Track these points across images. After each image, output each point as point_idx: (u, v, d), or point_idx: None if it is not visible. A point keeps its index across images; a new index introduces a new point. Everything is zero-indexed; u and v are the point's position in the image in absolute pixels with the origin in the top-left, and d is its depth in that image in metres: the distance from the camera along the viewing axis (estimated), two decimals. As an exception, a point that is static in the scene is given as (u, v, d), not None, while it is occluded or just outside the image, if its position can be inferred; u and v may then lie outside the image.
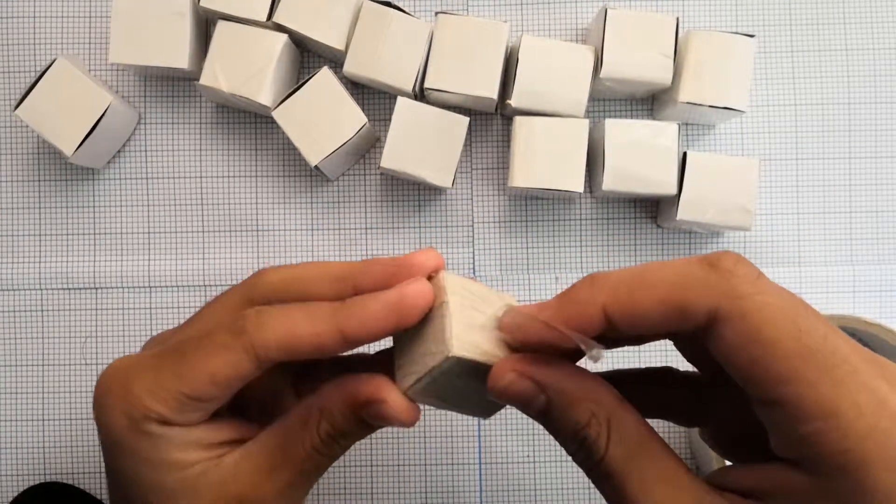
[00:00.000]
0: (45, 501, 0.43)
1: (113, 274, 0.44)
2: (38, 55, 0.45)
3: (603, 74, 0.40)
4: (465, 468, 0.44)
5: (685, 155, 0.41)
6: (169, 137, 0.45)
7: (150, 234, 0.45)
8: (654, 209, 0.45)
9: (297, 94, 0.41)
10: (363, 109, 0.41)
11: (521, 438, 0.44)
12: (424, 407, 0.29)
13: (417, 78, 0.41)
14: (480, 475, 0.44)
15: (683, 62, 0.40)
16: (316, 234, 0.45)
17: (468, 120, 0.41)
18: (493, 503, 0.43)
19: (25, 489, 0.43)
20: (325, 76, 0.41)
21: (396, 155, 0.41)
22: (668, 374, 0.29)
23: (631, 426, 0.24)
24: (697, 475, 0.24)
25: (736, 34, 0.41)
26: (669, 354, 0.29)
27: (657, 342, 0.26)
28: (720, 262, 0.23)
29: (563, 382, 0.24)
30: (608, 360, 0.43)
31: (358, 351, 0.27)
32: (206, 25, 0.44)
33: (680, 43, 0.41)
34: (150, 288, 0.44)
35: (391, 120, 0.41)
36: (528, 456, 0.44)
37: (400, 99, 0.41)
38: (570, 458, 0.25)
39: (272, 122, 0.44)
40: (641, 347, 0.42)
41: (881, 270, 0.44)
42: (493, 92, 0.41)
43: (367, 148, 0.45)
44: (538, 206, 0.45)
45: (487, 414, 0.29)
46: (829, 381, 0.21)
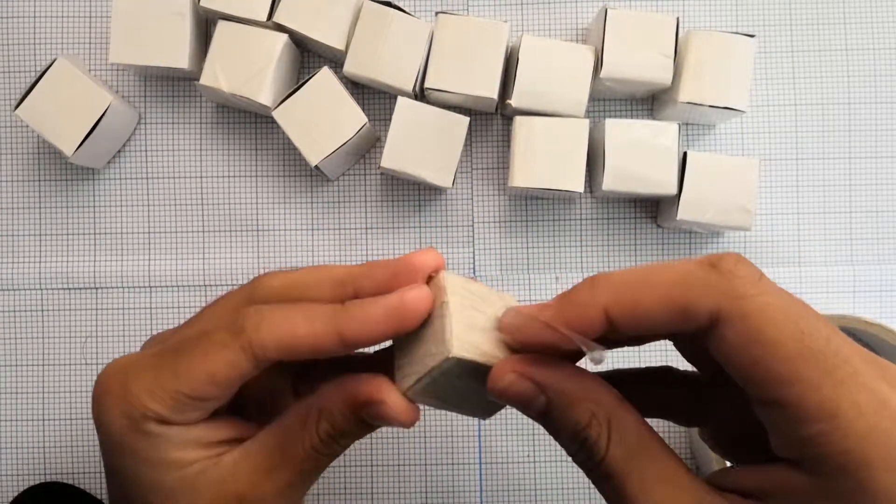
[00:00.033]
0: (45, 501, 0.43)
1: (113, 274, 0.44)
2: (38, 55, 0.45)
3: (603, 74, 0.40)
4: (465, 468, 0.44)
5: (685, 155, 0.41)
6: (169, 137, 0.45)
7: (150, 234, 0.45)
8: (654, 209, 0.45)
9: (297, 94, 0.41)
10: (363, 109, 0.41)
11: (521, 438, 0.44)
12: (424, 407, 0.29)
13: (418, 78, 0.41)
14: (481, 475, 0.44)
15: (683, 62, 0.40)
16: (316, 234, 0.45)
17: (468, 120, 0.41)
18: (493, 503, 0.43)
19: (25, 489, 0.43)
20: (325, 76, 0.41)
21: (396, 155, 0.41)
22: (667, 373, 0.29)
23: (631, 427, 0.24)
24: (697, 475, 0.24)
25: (736, 34, 0.41)
26: (669, 354, 0.29)
27: (657, 342, 0.26)
28: (722, 263, 0.23)
29: (563, 383, 0.24)
30: (608, 359, 0.43)
31: (358, 350, 0.27)
32: (206, 25, 0.44)
33: (680, 43, 0.41)
34: (150, 288, 0.44)
35: (391, 120, 0.41)
36: (528, 456, 0.44)
37: (400, 99, 0.41)
38: (570, 458, 0.25)
39: (272, 122, 0.44)
40: (641, 347, 0.42)
41: (881, 270, 0.44)
42: (493, 92, 0.41)
43: (367, 148, 0.45)
44: (538, 206, 0.45)
45: (487, 414, 0.29)
46: (830, 382, 0.21)
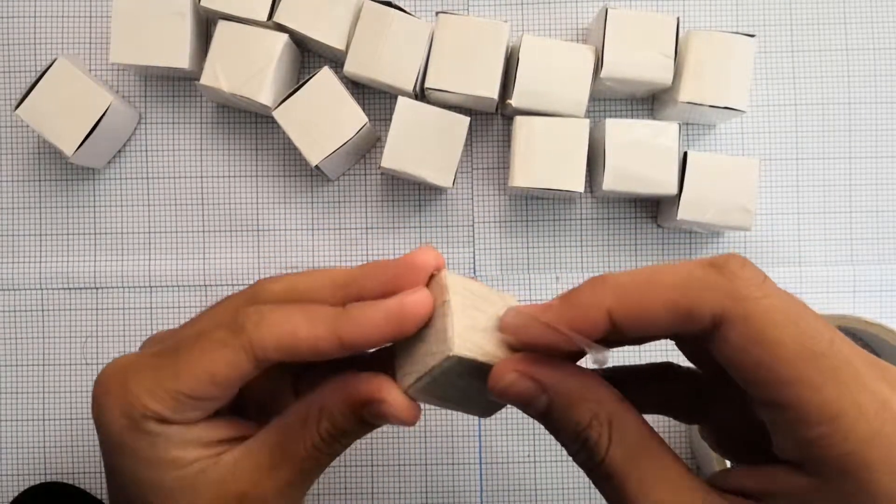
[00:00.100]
0: (45, 501, 0.43)
1: (113, 274, 0.44)
2: (38, 55, 0.45)
3: (603, 74, 0.40)
4: (465, 468, 0.44)
5: (685, 155, 0.41)
6: (169, 137, 0.45)
7: (150, 234, 0.45)
8: (654, 209, 0.45)
9: (297, 93, 0.41)
10: (364, 109, 0.41)
11: (521, 438, 0.44)
12: (425, 406, 0.29)
13: (418, 78, 0.41)
14: (481, 475, 0.44)
15: (684, 62, 0.40)
16: (316, 234, 0.45)
17: (468, 120, 0.41)
18: (493, 503, 0.43)
19: (25, 489, 0.43)
20: (325, 76, 0.41)
21: (397, 155, 0.41)
22: (669, 369, 0.29)
23: (632, 427, 0.24)
24: (698, 476, 0.24)
25: (736, 34, 0.41)
26: (670, 353, 0.29)
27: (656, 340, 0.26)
28: (726, 265, 0.23)
29: (564, 382, 0.24)
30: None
31: None
32: (206, 25, 0.44)
33: (680, 43, 0.41)
34: (150, 288, 0.44)
35: (391, 120, 0.41)
36: (528, 456, 0.44)
37: (400, 99, 0.41)
38: (570, 457, 0.25)
39: (272, 121, 0.44)
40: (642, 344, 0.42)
41: (881, 270, 0.44)
42: (493, 92, 0.41)
43: (367, 148, 0.45)
44: (538, 206, 0.45)
45: (488, 413, 0.29)
46: (832, 384, 0.21)
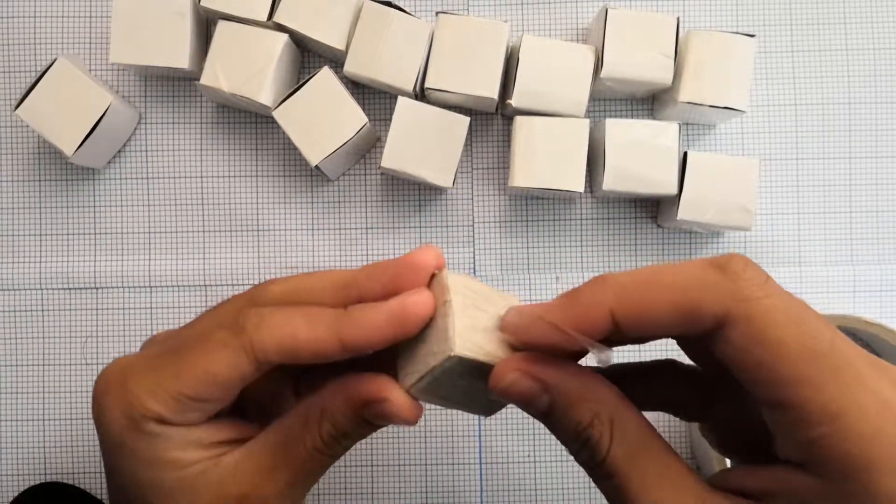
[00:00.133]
0: (45, 501, 0.43)
1: (113, 274, 0.44)
2: (38, 55, 0.45)
3: (603, 74, 0.40)
4: (465, 468, 0.44)
5: (685, 155, 0.41)
6: (169, 137, 0.45)
7: (150, 234, 0.45)
8: (654, 209, 0.45)
9: (297, 93, 0.41)
10: (363, 109, 0.41)
11: (521, 438, 0.44)
12: (425, 406, 0.29)
13: (418, 78, 0.41)
14: (481, 475, 0.44)
15: (684, 62, 0.40)
16: (316, 234, 0.45)
17: (468, 120, 0.41)
18: (493, 503, 0.43)
19: (25, 489, 0.43)
20: (325, 76, 0.41)
21: (397, 155, 0.41)
22: (670, 366, 0.29)
23: (634, 426, 0.24)
24: (699, 475, 0.24)
25: (736, 34, 0.41)
26: (670, 352, 0.29)
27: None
28: (729, 265, 0.23)
29: (566, 382, 0.24)
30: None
31: None
32: (206, 25, 0.44)
33: (680, 43, 0.41)
34: (150, 288, 0.44)
35: (391, 120, 0.41)
36: (528, 456, 0.44)
37: (400, 99, 0.41)
38: (570, 457, 0.25)
39: (272, 122, 0.44)
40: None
41: (881, 270, 0.44)
42: (493, 92, 0.41)
43: (367, 148, 0.45)
44: (538, 206, 0.45)
45: (490, 412, 0.29)
46: (834, 384, 0.21)
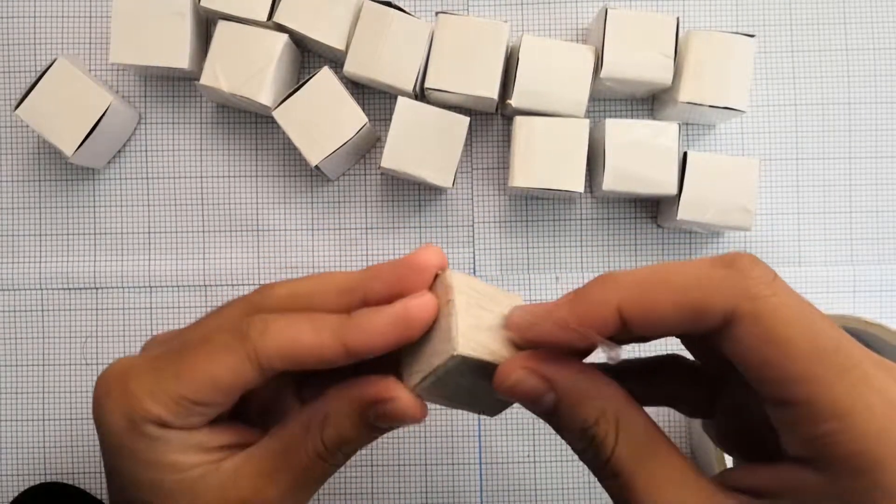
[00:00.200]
0: (45, 501, 0.43)
1: (113, 274, 0.44)
2: (38, 55, 0.45)
3: (603, 74, 0.40)
4: (465, 468, 0.44)
5: (685, 155, 0.41)
6: (169, 137, 0.45)
7: (150, 234, 0.45)
8: (654, 209, 0.45)
9: (297, 94, 0.41)
10: (363, 109, 0.41)
11: (521, 438, 0.44)
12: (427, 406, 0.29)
13: (418, 78, 0.41)
14: (481, 475, 0.44)
15: (684, 62, 0.40)
16: (316, 234, 0.45)
17: (468, 120, 0.41)
18: (493, 503, 0.43)
19: (25, 489, 0.43)
20: (325, 76, 0.41)
21: (397, 155, 0.41)
22: (674, 362, 0.29)
23: (639, 425, 0.24)
24: (703, 474, 0.24)
25: (736, 34, 0.41)
26: (671, 348, 0.29)
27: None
28: (736, 262, 0.23)
29: (571, 380, 0.24)
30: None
31: None
32: (206, 25, 0.44)
33: (680, 43, 0.41)
34: (150, 288, 0.44)
35: (391, 120, 0.41)
36: (528, 456, 0.44)
37: (400, 99, 0.41)
38: (570, 457, 0.25)
39: (272, 122, 0.44)
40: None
41: (881, 270, 0.44)
42: (493, 92, 0.41)
43: (367, 148, 0.45)
44: (538, 206, 0.45)
45: (495, 412, 0.29)
46: (843, 382, 0.21)
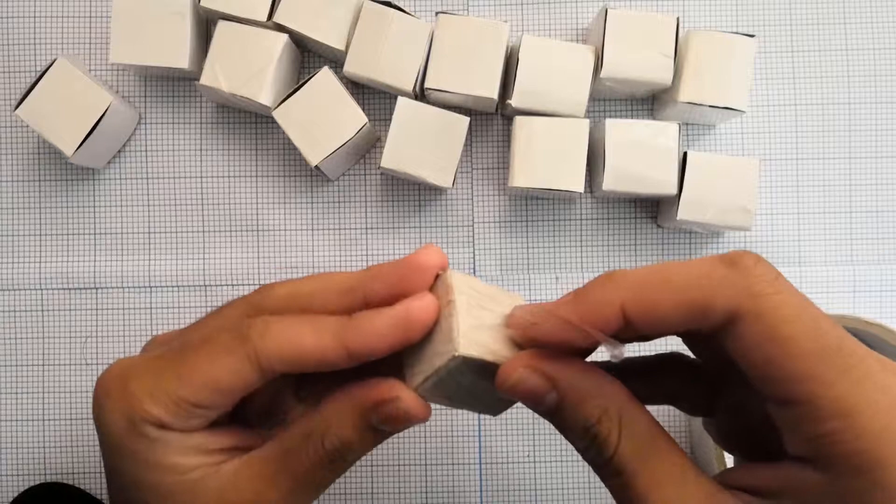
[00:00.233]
0: (45, 501, 0.43)
1: (113, 274, 0.44)
2: (38, 55, 0.45)
3: (603, 74, 0.40)
4: (465, 468, 0.44)
5: (685, 155, 0.41)
6: (169, 137, 0.45)
7: (150, 234, 0.45)
8: (654, 209, 0.45)
9: (297, 94, 0.41)
10: (363, 109, 0.41)
11: (521, 438, 0.44)
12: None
13: (418, 78, 0.41)
14: (481, 475, 0.44)
15: (684, 62, 0.40)
16: (316, 234, 0.45)
17: (468, 120, 0.41)
18: (493, 503, 0.43)
19: (25, 489, 0.43)
20: (325, 76, 0.41)
21: (397, 155, 0.41)
22: (675, 360, 0.29)
23: (642, 424, 0.24)
24: (705, 472, 0.24)
25: (736, 34, 0.41)
26: (671, 346, 0.29)
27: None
28: (740, 261, 0.23)
29: (574, 378, 0.24)
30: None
31: None
32: (206, 25, 0.44)
33: (680, 43, 0.41)
34: (150, 288, 0.44)
35: (391, 120, 0.41)
36: (528, 456, 0.44)
37: (400, 99, 0.41)
38: (570, 457, 0.25)
39: (272, 122, 0.44)
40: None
41: (881, 270, 0.44)
42: (493, 92, 0.41)
43: (367, 148, 0.45)
44: (538, 206, 0.45)
45: (497, 411, 0.29)
46: (845, 380, 0.21)
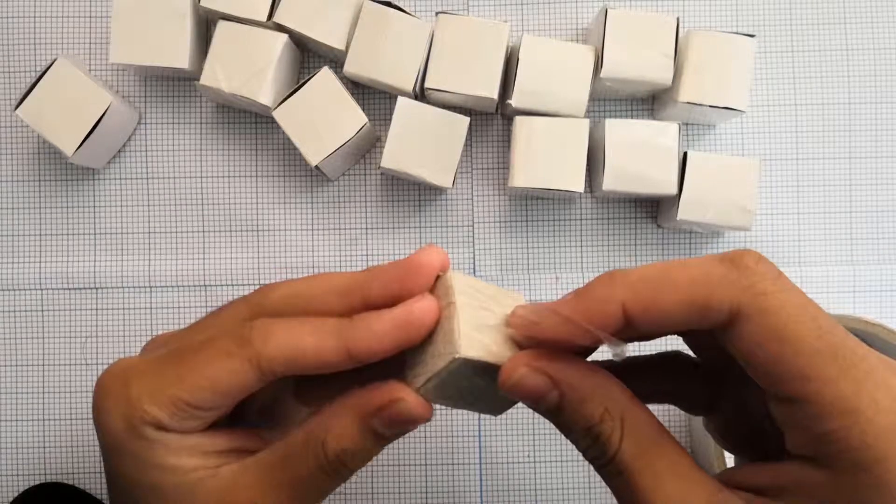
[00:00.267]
0: (45, 501, 0.43)
1: (113, 274, 0.44)
2: (38, 55, 0.45)
3: (603, 74, 0.40)
4: (465, 468, 0.44)
5: (685, 155, 0.41)
6: (169, 137, 0.45)
7: (150, 234, 0.45)
8: (654, 209, 0.45)
9: (297, 94, 0.41)
10: (363, 109, 0.41)
11: (521, 438, 0.44)
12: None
13: (418, 78, 0.41)
14: (481, 475, 0.44)
15: (684, 62, 0.40)
16: (316, 234, 0.45)
17: (468, 120, 0.41)
18: (493, 503, 0.43)
19: (25, 489, 0.43)
20: (325, 76, 0.41)
21: (397, 155, 0.41)
22: (675, 359, 0.29)
23: (644, 423, 0.24)
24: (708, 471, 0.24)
25: (736, 34, 0.41)
26: (671, 346, 0.29)
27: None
28: (742, 259, 0.23)
29: (576, 377, 0.24)
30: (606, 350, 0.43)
31: None
32: (206, 25, 0.44)
33: (680, 43, 0.41)
34: (150, 288, 0.44)
35: (391, 120, 0.41)
36: (528, 456, 0.44)
37: (400, 99, 0.41)
38: (570, 458, 0.25)
39: (272, 122, 0.44)
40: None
41: (881, 270, 0.44)
42: (493, 92, 0.41)
43: (367, 148, 0.45)
44: (538, 206, 0.45)
45: (499, 411, 0.29)
46: (849, 378, 0.21)
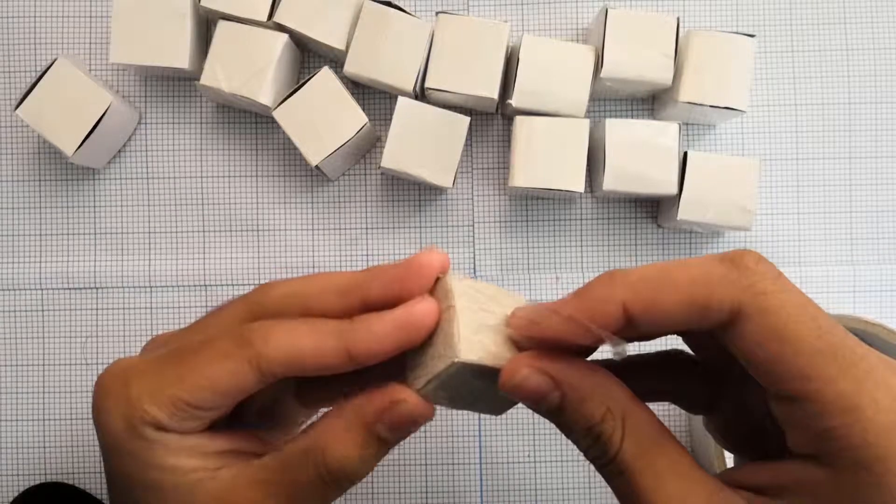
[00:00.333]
0: (45, 501, 0.43)
1: (113, 274, 0.44)
2: (38, 55, 0.45)
3: (604, 74, 0.40)
4: (465, 468, 0.44)
5: (685, 155, 0.41)
6: (169, 137, 0.45)
7: (150, 234, 0.45)
8: (654, 209, 0.45)
9: (297, 94, 0.41)
10: (363, 109, 0.41)
11: (521, 438, 0.44)
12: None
13: (418, 78, 0.41)
14: (481, 475, 0.44)
15: (684, 62, 0.40)
16: (316, 234, 0.45)
17: (469, 120, 0.41)
18: (493, 503, 0.43)
19: (25, 489, 0.43)
20: (325, 76, 0.41)
21: (397, 155, 0.41)
22: (675, 358, 0.29)
23: (645, 422, 0.24)
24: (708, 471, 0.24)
25: (736, 34, 0.41)
26: (671, 345, 0.29)
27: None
28: (742, 259, 0.23)
29: (577, 377, 0.24)
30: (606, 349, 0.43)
31: None
32: (206, 25, 0.44)
33: (680, 43, 0.41)
34: (150, 288, 0.44)
35: (391, 120, 0.41)
36: (528, 456, 0.44)
37: (400, 99, 0.41)
38: (570, 458, 0.25)
39: (272, 122, 0.44)
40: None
41: (881, 270, 0.44)
42: (493, 92, 0.41)
43: (367, 148, 0.45)
44: (538, 206, 0.45)
45: (500, 411, 0.29)
46: (849, 377, 0.21)
